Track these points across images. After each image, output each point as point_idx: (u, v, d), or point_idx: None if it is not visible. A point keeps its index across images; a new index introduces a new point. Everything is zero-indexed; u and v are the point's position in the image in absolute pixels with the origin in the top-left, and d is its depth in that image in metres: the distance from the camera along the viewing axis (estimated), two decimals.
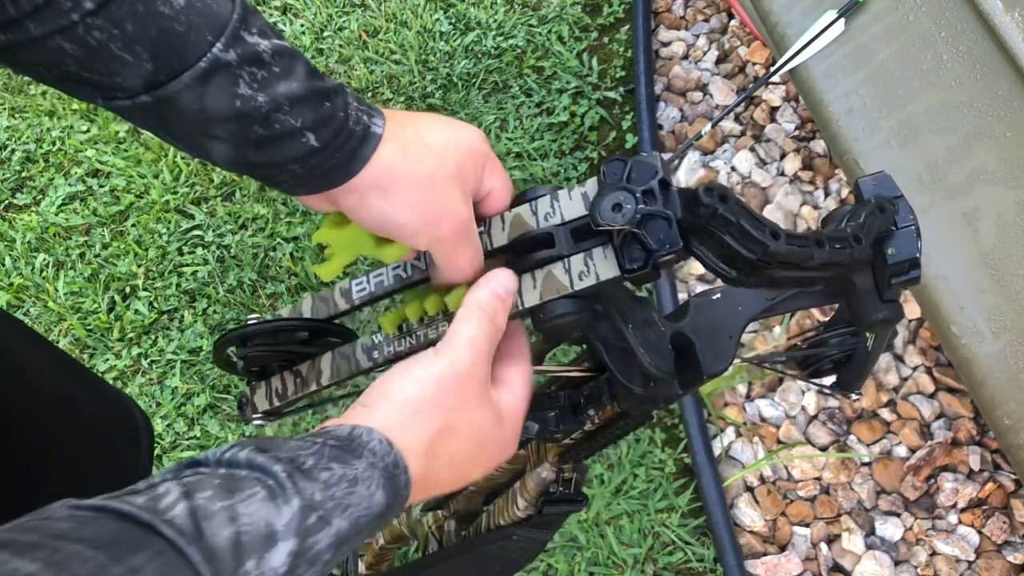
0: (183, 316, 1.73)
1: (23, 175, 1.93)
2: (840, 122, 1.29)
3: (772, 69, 1.39)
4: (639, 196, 0.52)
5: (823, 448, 1.46)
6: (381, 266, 0.63)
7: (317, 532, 0.42)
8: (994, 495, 1.39)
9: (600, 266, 0.55)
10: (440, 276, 0.59)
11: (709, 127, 1.56)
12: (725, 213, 0.49)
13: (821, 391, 1.50)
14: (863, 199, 0.58)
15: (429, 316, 0.60)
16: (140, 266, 1.78)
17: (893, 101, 1.26)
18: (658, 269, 0.53)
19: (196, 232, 1.80)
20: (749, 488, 1.46)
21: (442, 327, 0.58)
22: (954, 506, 1.40)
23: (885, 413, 1.47)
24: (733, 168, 1.68)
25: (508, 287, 0.56)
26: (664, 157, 0.73)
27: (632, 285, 0.56)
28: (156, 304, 1.75)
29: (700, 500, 1.45)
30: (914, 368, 1.49)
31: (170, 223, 1.81)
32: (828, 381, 0.75)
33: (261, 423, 0.64)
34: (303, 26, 1.97)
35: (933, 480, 1.41)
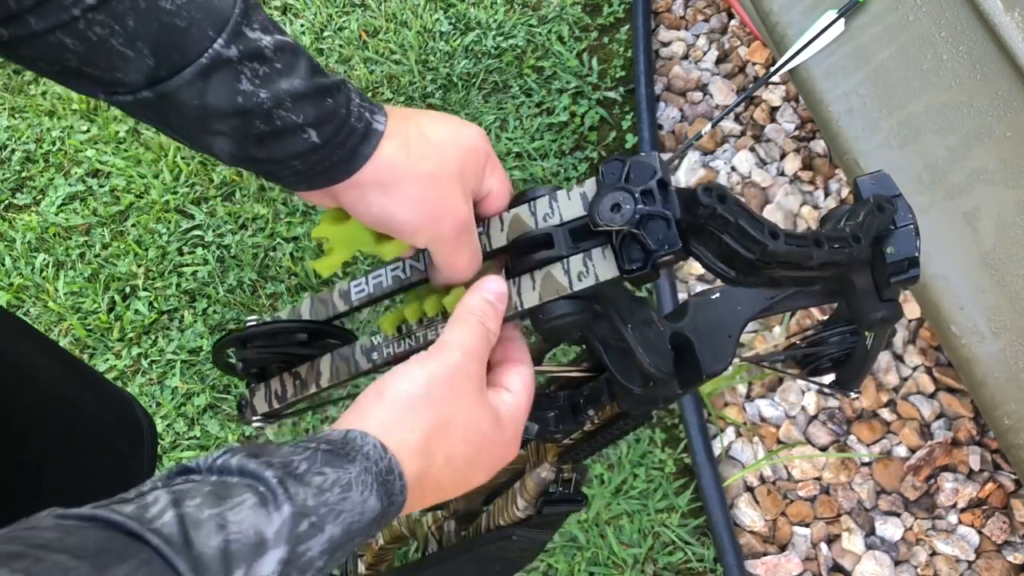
0: (183, 316, 1.73)
1: (23, 175, 1.93)
2: (840, 122, 1.29)
3: (772, 69, 1.39)
4: (638, 196, 0.52)
5: (823, 448, 1.46)
6: (380, 267, 0.63)
7: (309, 539, 0.41)
8: (994, 495, 1.39)
9: (599, 267, 0.54)
10: (439, 276, 0.59)
11: (709, 127, 1.56)
12: (724, 213, 0.49)
13: (821, 390, 1.50)
14: (862, 198, 0.58)
15: (428, 317, 0.60)
16: (140, 266, 1.79)
17: (893, 101, 1.26)
18: (657, 269, 0.53)
19: (196, 232, 1.80)
20: (749, 488, 1.46)
21: (441, 328, 0.58)
22: (954, 506, 1.40)
23: (885, 413, 1.47)
24: (733, 168, 1.68)
25: (498, 292, 0.56)
26: (663, 157, 0.73)
27: (631, 285, 0.56)
28: (156, 304, 1.75)
29: (700, 500, 1.45)
30: (914, 368, 1.49)
31: (170, 223, 1.81)
32: (827, 379, 0.75)
33: (261, 425, 0.64)
34: (303, 26, 1.97)
35: (933, 480, 1.41)
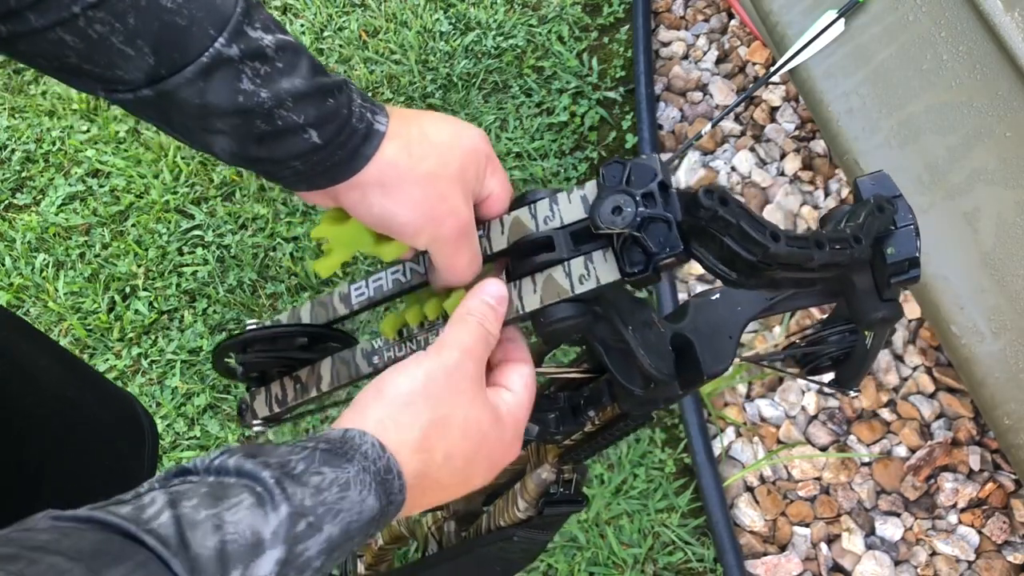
0: (183, 316, 1.73)
1: (23, 175, 1.93)
2: (840, 122, 1.29)
3: (772, 69, 1.39)
4: (639, 199, 0.52)
5: (823, 448, 1.46)
6: (380, 270, 0.63)
7: (307, 539, 0.40)
8: (994, 495, 1.39)
9: (600, 269, 0.54)
10: (439, 279, 0.59)
11: (709, 127, 1.55)
12: (725, 215, 0.49)
13: (821, 390, 1.50)
14: (862, 199, 0.58)
15: (429, 321, 0.59)
16: (140, 266, 1.78)
17: (893, 101, 1.26)
18: (659, 272, 0.53)
19: (196, 232, 1.80)
20: (749, 488, 1.46)
21: (442, 331, 0.58)
22: (954, 506, 1.40)
23: (885, 413, 1.47)
24: (733, 168, 1.68)
25: (498, 295, 0.56)
26: (663, 159, 0.73)
27: (632, 287, 0.56)
28: (156, 304, 1.75)
29: (700, 500, 1.45)
30: (914, 368, 1.49)
31: (170, 223, 1.81)
32: (827, 378, 0.75)
33: (261, 429, 0.64)
34: (303, 26, 1.97)
35: (933, 480, 1.41)
